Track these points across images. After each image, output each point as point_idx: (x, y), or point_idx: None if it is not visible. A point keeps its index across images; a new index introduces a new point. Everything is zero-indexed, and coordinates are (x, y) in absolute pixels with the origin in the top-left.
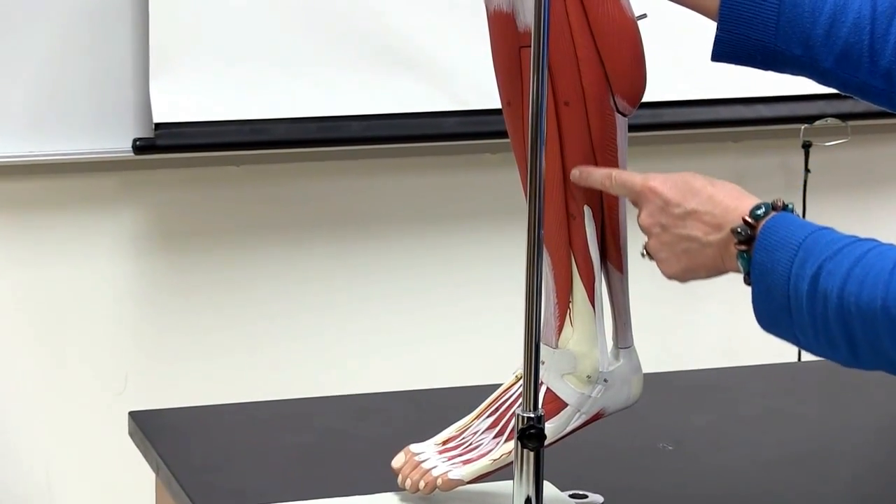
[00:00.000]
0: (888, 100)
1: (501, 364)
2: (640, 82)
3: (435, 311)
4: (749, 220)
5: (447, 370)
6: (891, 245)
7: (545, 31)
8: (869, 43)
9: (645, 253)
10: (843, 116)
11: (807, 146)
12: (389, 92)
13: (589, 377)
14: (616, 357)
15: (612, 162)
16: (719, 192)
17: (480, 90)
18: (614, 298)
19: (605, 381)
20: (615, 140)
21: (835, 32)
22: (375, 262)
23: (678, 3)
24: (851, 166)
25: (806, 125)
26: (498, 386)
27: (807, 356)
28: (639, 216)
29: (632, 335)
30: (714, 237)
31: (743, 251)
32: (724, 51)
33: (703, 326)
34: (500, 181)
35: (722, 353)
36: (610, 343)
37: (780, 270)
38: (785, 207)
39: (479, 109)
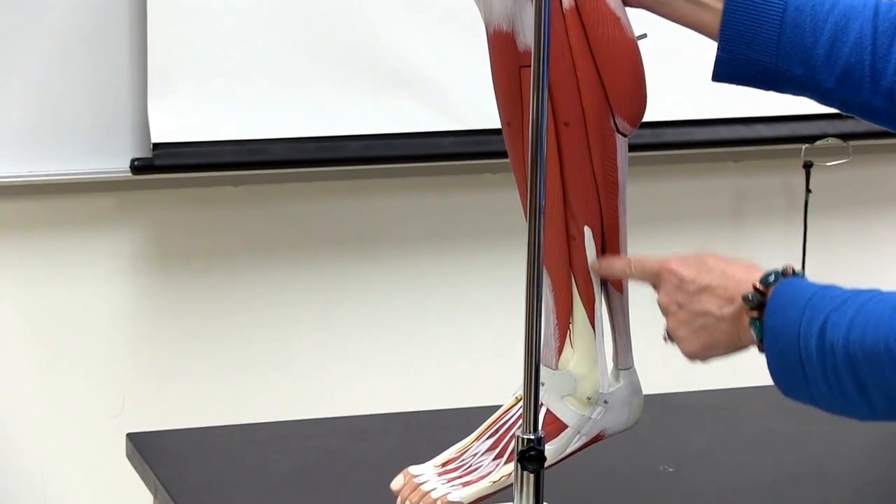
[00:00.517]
0: (890, 120)
1: (501, 385)
2: (641, 103)
3: (434, 332)
4: (759, 286)
5: (446, 391)
6: (891, 291)
7: (545, 52)
8: (871, 63)
9: (666, 335)
10: (844, 136)
11: (808, 166)
12: (388, 112)
13: (589, 399)
14: (616, 378)
15: (612, 182)
16: (732, 266)
17: (479, 110)
18: (615, 319)
19: (606, 402)
20: (615, 160)
21: (836, 52)
22: (374, 282)
23: (678, 22)
24: (853, 186)
25: (807, 145)
26: (497, 407)
27: None
28: (658, 297)
29: (632, 356)
30: (728, 310)
31: (755, 318)
32: (725, 71)
33: None
34: (499, 201)
35: (722, 373)
36: (610, 364)
37: (791, 331)
38: (794, 273)
39: (479, 129)
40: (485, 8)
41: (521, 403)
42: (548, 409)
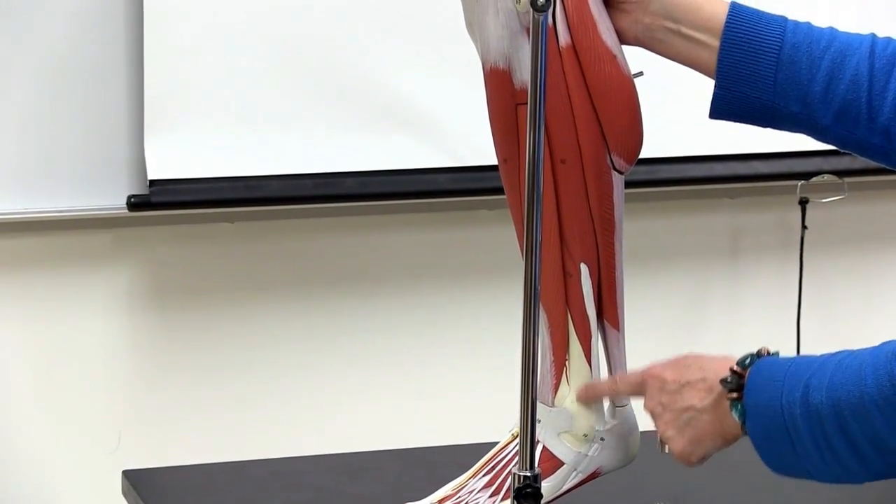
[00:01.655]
0: (886, 157)
1: (497, 422)
2: (637, 141)
3: (430, 369)
4: (737, 369)
5: (442, 428)
6: (863, 348)
7: (542, 89)
8: (867, 100)
9: (659, 442)
10: (840, 173)
11: (803, 203)
12: (384, 148)
13: (586, 435)
14: (613, 415)
15: (609, 219)
16: (710, 360)
17: (475, 146)
18: (611, 356)
19: (602, 439)
20: (612, 197)
21: (833, 90)
22: (371, 318)
23: (675, 60)
24: (848, 223)
25: (802, 181)
26: (494, 444)
27: None
28: (644, 403)
29: None
30: (709, 400)
31: (735, 399)
32: (722, 108)
33: None
34: (496, 237)
35: None
36: (606, 401)
37: (773, 405)
38: (769, 354)
39: (475, 166)
40: (481, 45)
41: (517, 440)
42: (544, 446)
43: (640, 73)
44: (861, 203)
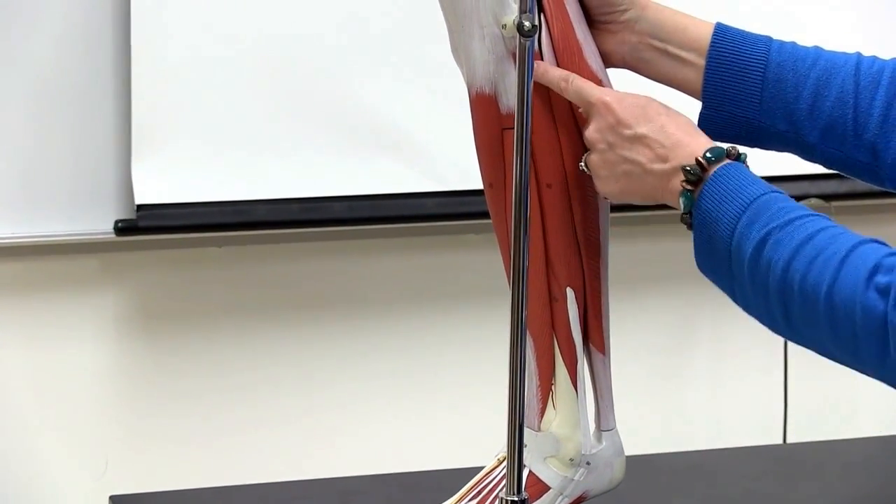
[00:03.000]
0: (873, 174)
1: (484, 446)
2: None
3: (417, 393)
4: (702, 160)
5: (430, 452)
6: (843, 229)
7: (528, 114)
8: (853, 116)
9: (585, 167)
10: (827, 197)
11: None
12: (372, 173)
13: (572, 460)
14: (598, 439)
15: (595, 244)
16: (672, 123)
17: (463, 171)
18: (596, 380)
19: (588, 463)
20: (597, 222)
21: (818, 107)
22: (358, 343)
23: (661, 81)
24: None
25: None
26: (481, 468)
27: (792, 438)
28: (585, 128)
29: (614, 417)
30: (657, 166)
31: (689, 190)
32: (709, 128)
33: (688, 408)
34: (483, 262)
35: (707, 435)
36: (592, 425)
37: (725, 223)
38: (738, 157)
39: (462, 190)
40: (467, 71)
41: (503, 465)
42: (530, 471)
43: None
44: (848, 226)
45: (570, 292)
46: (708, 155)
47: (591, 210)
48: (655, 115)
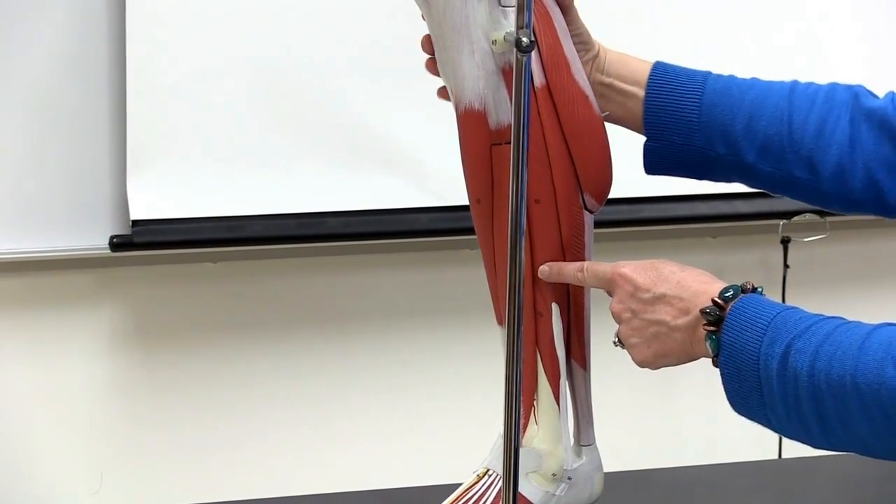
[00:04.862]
0: (815, 192)
1: (476, 461)
2: (608, 180)
3: (410, 407)
4: (718, 300)
5: (422, 468)
6: (857, 322)
7: (525, 130)
8: (788, 132)
9: (617, 341)
10: (822, 212)
11: (786, 242)
12: (367, 188)
13: (554, 475)
14: (578, 454)
15: (580, 258)
16: (688, 277)
17: (458, 186)
18: (577, 395)
19: (570, 479)
20: (583, 237)
21: (754, 126)
22: (352, 358)
23: (612, 119)
24: (830, 262)
25: (784, 221)
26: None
27: (787, 453)
28: (610, 304)
29: (594, 432)
30: (682, 321)
31: (711, 332)
32: (654, 161)
33: (683, 423)
34: (478, 277)
35: (702, 450)
36: (573, 441)
37: (750, 350)
38: (754, 290)
39: (458, 205)
40: (455, 86)
41: (482, 480)
42: None
43: (606, 114)
44: (843, 242)
45: (555, 308)
46: (724, 294)
47: (578, 225)
48: (670, 274)
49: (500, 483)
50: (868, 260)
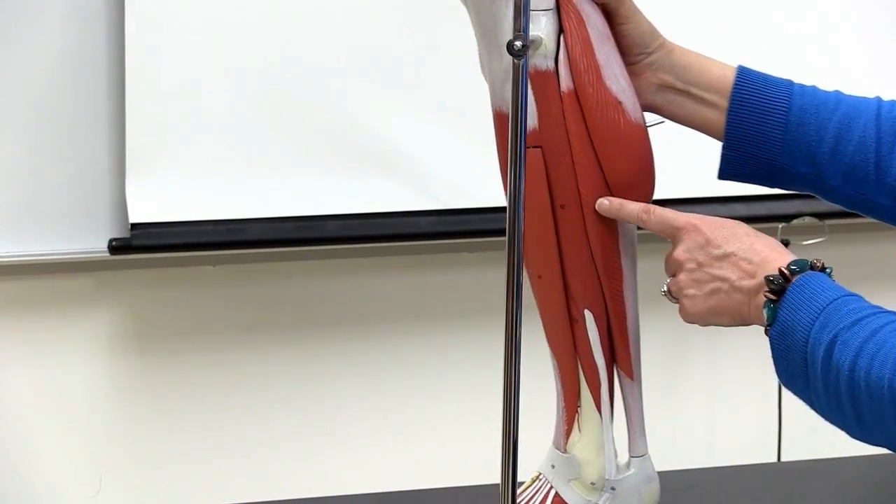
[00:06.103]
0: (894, 217)
1: (482, 464)
2: (645, 187)
3: (413, 411)
4: (785, 271)
5: (427, 470)
6: None
7: (522, 134)
8: (875, 161)
9: (667, 291)
10: (821, 215)
11: (784, 245)
12: (366, 191)
13: (593, 484)
14: (627, 466)
15: (615, 267)
16: (760, 242)
17: (457, 190)
18: (627, 406)
19: (613, 489)
20: (616, 245)
21: (840, 151)
22: (353, 361)
23: (684, 123)
24: (829, 265)
25: (783, 224)
26: (477, 487)
27: (787, 456)
28: (673, 251)
29: (646, 443)
30: (746, 283)
31: (771, 301)
32: (730, 169)
33: (683, 426)
34: (478, 280)
35: (701, 453)
36: (623, 453)
37: (801, 331)
38: (823, 269)
39: (457, 209)
40: (490, 87)
41: (534, 484)
42: (556, 492)
43: (661, 122)
44: (842, 245)
45: (588, 314)
46: (792, 266)
47: (609, 232)
48: (744, 236)
49: (549, 489)
50: (867, 263)
